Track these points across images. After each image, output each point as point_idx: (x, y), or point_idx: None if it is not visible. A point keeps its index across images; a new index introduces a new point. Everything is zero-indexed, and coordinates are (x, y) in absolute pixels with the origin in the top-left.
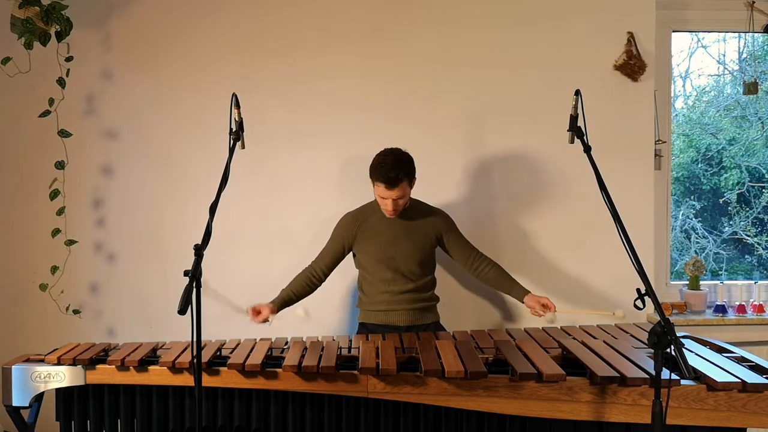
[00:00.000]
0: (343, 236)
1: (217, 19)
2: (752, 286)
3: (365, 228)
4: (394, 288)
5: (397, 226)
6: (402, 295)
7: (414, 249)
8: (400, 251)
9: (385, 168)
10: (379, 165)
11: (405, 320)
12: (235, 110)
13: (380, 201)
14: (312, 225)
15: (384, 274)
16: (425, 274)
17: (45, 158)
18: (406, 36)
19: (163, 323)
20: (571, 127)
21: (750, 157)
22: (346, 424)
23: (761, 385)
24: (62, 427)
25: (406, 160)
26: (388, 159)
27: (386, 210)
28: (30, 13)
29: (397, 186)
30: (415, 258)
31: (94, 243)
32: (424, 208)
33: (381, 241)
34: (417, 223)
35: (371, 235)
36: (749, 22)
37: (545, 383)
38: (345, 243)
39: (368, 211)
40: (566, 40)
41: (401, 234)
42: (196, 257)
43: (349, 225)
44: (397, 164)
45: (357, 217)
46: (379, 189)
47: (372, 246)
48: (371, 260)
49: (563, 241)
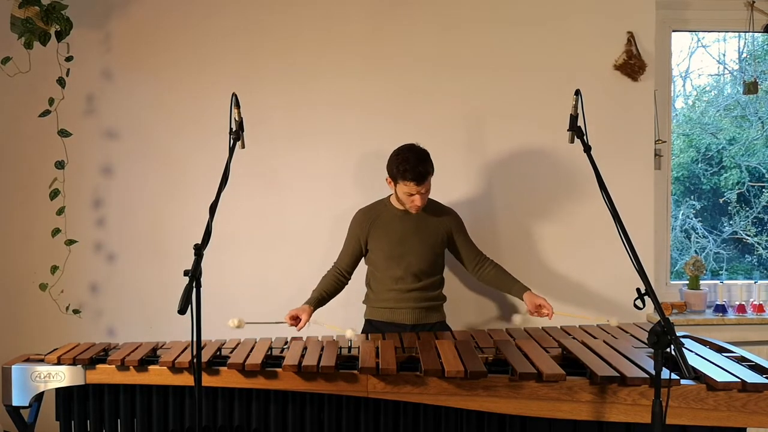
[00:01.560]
0: (357, 233)
1: (217, 19)
2: (752, 286)
3: (377, 225)
4: (402, 286)
5: (408, 224)
6: (410, 294)
7: (424, 247)
8: (410, 249)
9: (412, 164)
10: (404, 162)
11: (411, 319)
12: (235, 110)
13: (407, 199)
14: (312, 225)
15: (393, 272)
16: (434, 273)
17: (45, 158)
18: (406, 36)
19: (163, 323)
20: (571, 126)
21: (750, 157)
22: (346, 423)
23: (761, 385)
24: (62, 426)
25: (426, 154)
26: (411, 156)
27: (414, 206)
28: (30, 13)
29: (426, 180)
30: (426, 256)
31: (94, 243)
32: (436, 206)
33: (392, 238)
34: (428, 221)
35: (383, 232)
36: (749, 21)
37: (545, 383)
38: (360, 238)
39: (380, 207)
40: (566, 40)
41: (413, 232)
42: (196, 257)
43: (362, 221)
44: (421, 159)
45: (369, 214)
46: (407, 187)
47: (383, 243)
48: (382, 257)
49: (563, 241)
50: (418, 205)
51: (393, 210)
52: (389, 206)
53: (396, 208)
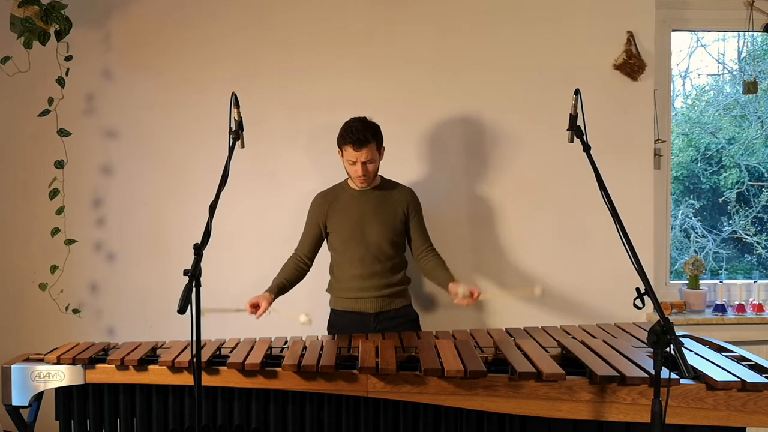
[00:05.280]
0: (316, 216)
1: (217, 19)
2: (752, 286)
3: (336, 206)
4: (363, 270)
5: (366, 203)
6: (371, 280)
7: (384, 226)
8: (370, 228)
9: (353, 131)
10: (346, 129)
11: (374, 307)
12: (234, 110)
13: (350, 169)
14: None
15: (354, 253)
16: (395, 255)
17: (45, 157)
18: (405, 36)
19: (163, 322)
20: (570, 126)
21: (749, 156)
22: (346, 423)
23: (761, 385)
24: (62, 426)
25: (373, 125)
26: (354, 123)
27: (357, 176)
28: (29, 13)
29: (365, 146)
30: (386, 235)
31: (94, 242)
32: (393, 184)
33: (351, 219)
34: (387, 200)
35: (342, 213)
36: (749, 21)
37: (545, 382)
38: (320, 222)
39: (338, 190)
40: (566, 39)
41: (371, 210)
42: (196, 256)
43: (320, 204)
44: (364, 127)
45: (327, 196)
46: (347, 153)
47: (342, 223)
48: (342, 238)
49: (563, 240)
50: (360, 175)
51: (350, 191)
52: (347, 188)
53: (353, 189)
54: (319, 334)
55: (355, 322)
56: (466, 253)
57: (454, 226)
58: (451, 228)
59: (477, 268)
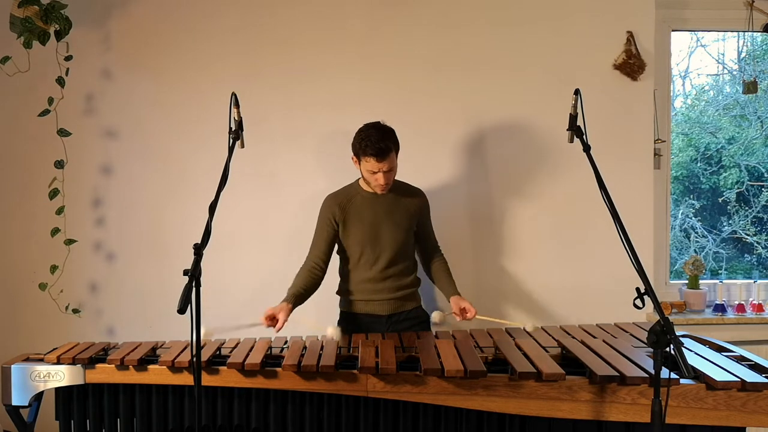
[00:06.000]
0: (329, 218)
1: (217, 19)
2: (751, 285)
3: (349, 209)
4: (377, 273)
5: (380, 206)
6: (384, 283)
7: (398, 228)
8: (384, 230)
9: (373, 140)
10: (365, 139)
11: (387, 309)
12: (234, 110)
13: (370, 177)
14: (311, 224)
15: (368, 256)
16: (408, 257)
17: (44, 157)
18: (405, 36)
19: (163, 322)
20: (570, 126)
21: (749, 156)
22: (346, 423)
23: (760, 384)
24: (61, 426)
25: (390, 131)
26: (373, 131)
27: (378, 185)
28: (29, 12)
29: (387, 157)
30: (400, 239)
31: (94, 242)
32: (406, 187)
33: (366, 221)
34: (400, 203)
35: (356, 215)
36: (749, 21)
37: (545, 382)
38: (333, 224)
39: (351, 191)
40: (566, 39)
41: (385, 213)
42: (196, 256)
43: (333, 206)
44: (383, 135)
45: (339, 198)
46: (368, 164)
47: (357, 226)
48: (356, 242)
49: (563, 240)
50: (381, 184)
51: (363, 193)
52: (360, 190)
53: (366, 191)
54: (319, 334)
55: (367, 324)
56: (466, 253)
57: (454, 225)
58: (452, 228)
59: (477, 268)
